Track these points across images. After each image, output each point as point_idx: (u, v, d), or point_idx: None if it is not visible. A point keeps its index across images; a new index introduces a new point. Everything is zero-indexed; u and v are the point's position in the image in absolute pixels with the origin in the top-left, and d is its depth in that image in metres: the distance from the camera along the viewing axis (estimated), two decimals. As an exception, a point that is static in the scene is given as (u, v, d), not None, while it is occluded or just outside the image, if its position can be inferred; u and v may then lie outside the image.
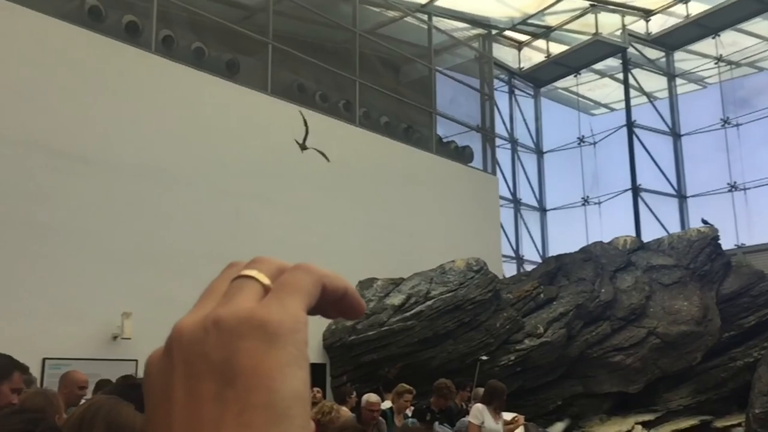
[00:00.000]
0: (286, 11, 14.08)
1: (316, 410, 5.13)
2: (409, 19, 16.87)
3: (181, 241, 10.32)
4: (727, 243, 15.06)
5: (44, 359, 8.49)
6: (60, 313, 8.93)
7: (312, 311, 0.47)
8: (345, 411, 6.25)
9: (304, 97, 13.48)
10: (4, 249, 8.62)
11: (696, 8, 18.63)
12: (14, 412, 2.23)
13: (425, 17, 17.13)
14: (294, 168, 12.40)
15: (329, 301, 0.48)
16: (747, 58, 19.08)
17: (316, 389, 9.48)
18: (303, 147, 10.73)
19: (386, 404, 7.38)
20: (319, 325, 11.90)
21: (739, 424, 11.38)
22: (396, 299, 11.93)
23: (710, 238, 13.83)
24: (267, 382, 0.41)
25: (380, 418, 6.59)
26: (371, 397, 6.54)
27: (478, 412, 6.76)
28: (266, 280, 0.46)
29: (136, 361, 9.06)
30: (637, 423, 11.84)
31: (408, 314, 11.58)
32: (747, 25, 18.65)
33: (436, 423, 7.23)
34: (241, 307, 0.44)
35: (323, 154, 10.94)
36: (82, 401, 4.60)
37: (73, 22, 10.16)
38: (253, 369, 0.41)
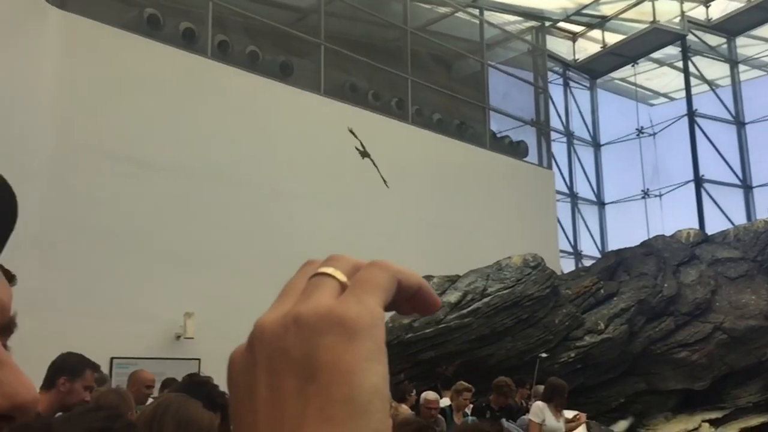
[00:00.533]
0: (337, 12, 14.20)
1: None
2: (460, 14, 16.77)
3: (240, 242, 10.53)
4: (797, 234, 14.43)
5: (112, 359, 8.80)
6: (126, 314, 9.24)
7: (387, 307, 0.48)
8: (405, 409, 6.28)
9: (356, 97, 13.57)
10: (74, 253, 8.97)
11: (759, -9, 17.95)
12: (91, 409, 2.32)
13: (476, 12, 17.01)
14: (347, 167, 12.50)
15: (404, 298, 0.48)
16: (815, 41, 18.29)
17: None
18: (365, 154, 10.85)
19: (445, 402, 7.38)
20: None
21: (813, 423, 10.94)
22: (452, 296, 11.88)
23: (779, 229, 13.33)
24: (347, 377, 0.42)
25: (439, 416, 6.60)
26: (429, 395, 6.56)
27: (539, 410, 6.70)
28: (343, 278, 0.47)
29: (199, 359, 9.31)
30: (704, 421, 11.50)
31: (465, 311, 11.53)
32: (815, 7, 17.87)
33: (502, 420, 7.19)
34: (319, 304, 0.45)
35: (383, 179, 11.06)
36: (149, 400, 4.77)
37: (132, 30, 10.48)
38: (334, 364, 0.42)
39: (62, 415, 2.63)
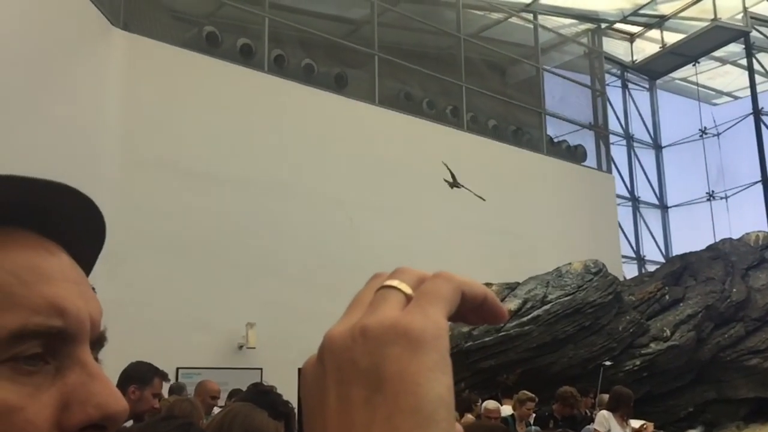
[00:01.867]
0: (390, 22, 14.31)
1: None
2: (513, 19, 16.66)
3: (299, 252, 10.69)
4: None
5: (177, 368, 9.03)
6: (191, 324, 9.48)
7: (454, 318, 0.49)
8: (471, 419, 6.25)
9: (411, 106, 13.62)
10: (141, 265, 9.27)
11: (828, -18, 17.25)
12: (165, 417, 2.41)
13: (530, 16, 16.86)
14: (405, 175, 12.55)
15: (470, 308, 0.49)
16: None
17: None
18: (454, 185, 10.90)
19: (507, 411, 7.30)
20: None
21: None
22: (512, 304, 11.76)
23: None
24: (413, 387, 0.43)
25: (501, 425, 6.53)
26: (490, 404, 6.51)
27: (604, 419, 6.56)
28: (408, 290, 0.48)
29: (261, 369, 9.47)
30: (779, 431, 11.05)
31: (525, 319, 11.39)
32: None
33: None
34: (385, 316, 0.45)
35: (479, 195, 11.12)
36: (214, 410, 4.88)
37: (192, 48, 10.80)
38: (400, 375, 0.43)
39: (137, 424, 2.73)
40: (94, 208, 0.61)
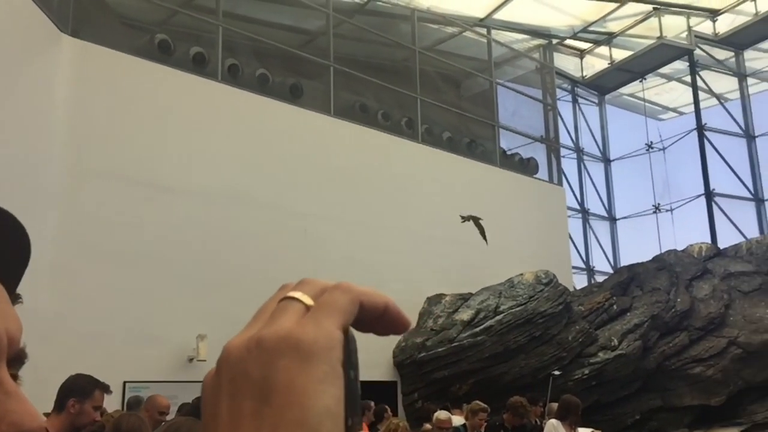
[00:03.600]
0: (346, 33, 14.35)
1: (384, 428, 5.19)
2: (468, 33, 16.89)
3: (253, 264, 10.59)
4: (811, 247, 14.33)
5: (125, 382, 8.83)
6: (139, 337, 9.29)
7: (362, 329, 0.50)
8: (428, 428, 6.27)
9: (366, 117, 13.67)
10: (87, 277, 9.05)
11: (765, 5, 17.96)
12: (111, 430, 2.36)
13: (484, 31, 17.12)
14: (360, 186, 12.58)
15: (371, 318, 0.50)
16: (824, 52, 18.26)
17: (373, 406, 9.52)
18: (467, 220, 11.12)
19: (458, 421, 7.35)
20: (389, 342, 11.95)
21: (833, 438, 10.79)
22: (465, 314, 11.88)
23: (792, 242, 13.25)
24: (300, 399, 0.43)
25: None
26: (441, 414, 6.55)
27: (553, 428, 6.66)
28: (309, 301, 0.48)
29: (213, 381, 9.31)
30: (721, 438, 11.38)
31: (478, 329, 11.51)
32: (822, 19, 17.86)
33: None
34: (281, 327, 0.46)
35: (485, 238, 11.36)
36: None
37: (144, 56, 10.65)
38: (288, 386, 0.43)
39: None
40: (16, 222, 0.60)
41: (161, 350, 9.49)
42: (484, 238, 11.57)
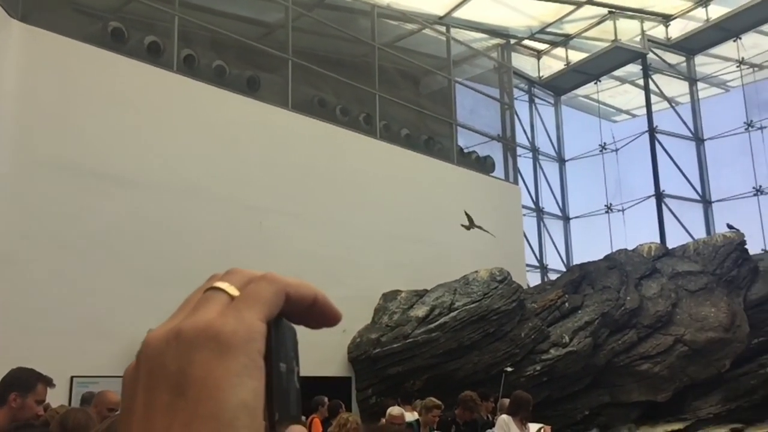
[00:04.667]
0: (305, 27, 14.25)
1: (335, 423, 5.19)
2: (427, 31, 16.95)
3: (206, 257, 10.44)
4: (753, 248, 14.82)
5: (72, 377, 8.63)
6: (87, 331, 9.08)
7: (294, 321, 0.49)
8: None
9: (324, 112, 13.60)
10: (35, 269, 8.80)
11: (716, 11, 18.49)
12: (57, 426, 2.30)
13: (443, 29, 17.20)
14: (316, 182, 12.51)
15: (299, 310, 0.49)
16: (770, 60, 18.87)
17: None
18: (470, 227, 11.34)
19: (411, 417, 7.39)
20: (344, 338, 11.94)
21: (771, 432, 11.18)
22: (420, 311, 11.93)
23: (736, 243, 13.65)
24: (215, 392, 0.42)
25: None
26: (394, 410, 6.57)
27: (504, 423, 6.74)
28: (234, 292, 0.47)
29: (164, 376, 9.16)
30: (666, 432, 11.69)
31: (432, 326, 11.58)
32: (768, 27, 18.46)
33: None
34: (201, 319, 0.45)
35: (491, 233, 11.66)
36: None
37: (97, 44, 10.38)
38: (203, 379, 0.42)
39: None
40: None
41: (111, 344, 9.28)
42: (472, 226, 11.80)
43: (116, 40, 10.79)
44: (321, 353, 11.42)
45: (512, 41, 19.25)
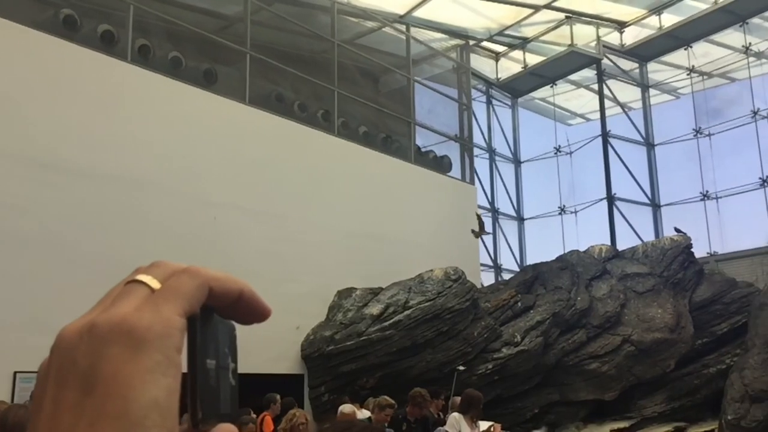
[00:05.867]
0: (264, 21, 14.11)
1: (284, 419, 5.18)
2: (387, 29, 16.96)
3: (157, 251, 10.22)
4: (699, 251, 15.30)
5: (15, 372, 8.39)
6: (31, 326, 8.81)
7: (225, 316, 0.47)
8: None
9: (282, 107, 13.49)
10: (-24, 260, 8.52)
11: (669, 20, 18.97)
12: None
13: (403, 28, 17.24)
14: (273, 178, 12.41)
15: (225, 305, 0.47)
16: (718, 69, 19.44)
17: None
18: (480, 233, 11.57)
19: (364, 414, 7.38)
20: (297, 335, 11.88)
21: (712, 431, 11.54)
22: (374, 309, 11.94)
23: (683, 246, 14.05)
24: (124, 390, 0.40)
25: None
26: (346, 408, 6.57)
27: (455, 421, 6.80)
28: (156, 285, 0.46)
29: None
30: (612, 430, 11.96)
31: (386, 324, 11.60)
32: (718, 37, 19.02)
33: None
34: (116, 313, 0.43)
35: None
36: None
37: (47, 31, 10.09)
38: (113, 376, 0.40)
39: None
40: None
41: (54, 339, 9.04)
42: (482, 232, 12.02)
43: (68, 28, 10.51)
44: (274, 350, 11.35)
45: (471, 42, 19.42)
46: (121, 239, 9.97)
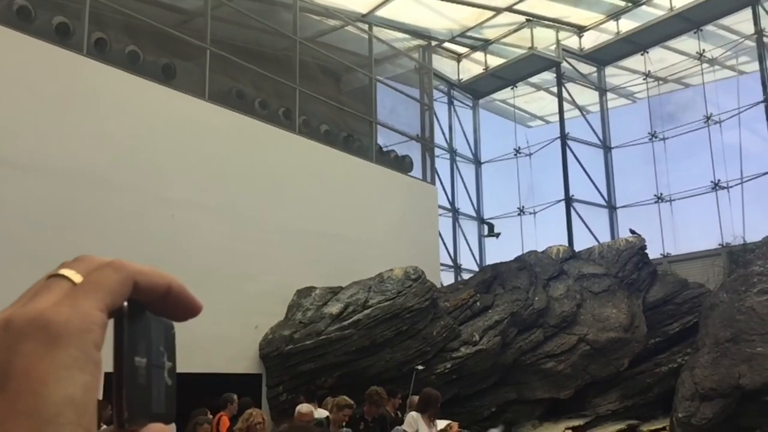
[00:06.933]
0: (225, 17, 13.95)
1: (241, 419, 5.14)
2: (349, 28, 16.94)
3: (113, 248, 10.04)
4: (653, 252, 15.66)
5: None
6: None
7: (154, 313, 0.46)
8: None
9: (243, 104, 13.36)
10: None
11: (626, 25, 19.34)
12: None
13: (366, 27, 17.24)
14: (232, 175, 12.28)
15: (152, 300, 0.46)
16: (673, 74, 19.90)
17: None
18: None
19: (321, 414, 7.36)
20: (256, 334, 11.78)
21: (663, 428, 11.80)
22: (334, 308, 11.91)
23: (638, 247, 14.34)
24: (37, 386, 0.39)
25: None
26: (303, 407, 6.54)
27: (413, 420, 6.82)
28: (78, 279, 0.45)
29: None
30: (567, 428, 12.14)
31: (346, 323, 11.58)
32: (674, 43, 19.46)
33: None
34: (34, 308, 0.42)
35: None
36: None
37: (0, 22, 9.81)
38: (26, 373, 0.39)
39: None
40: None
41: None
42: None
43: (22, 19, 10.24)
44: (231, 350, 11.24)
45: (433, 43, 19.51)
46: (76, 236, 9.75)
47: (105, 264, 0.46)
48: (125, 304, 0.47)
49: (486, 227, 13.52)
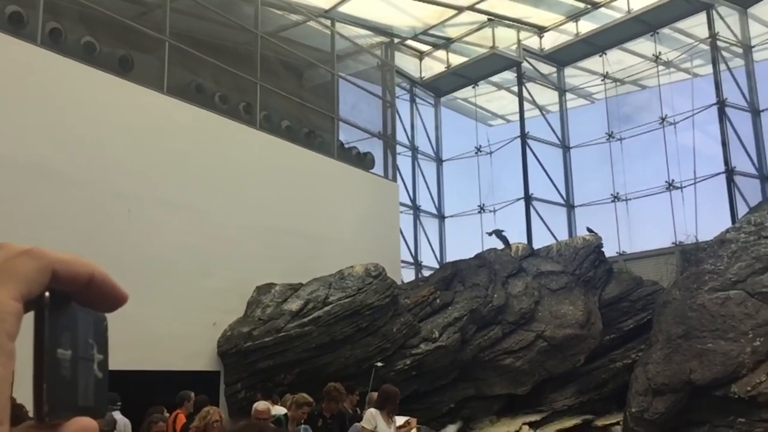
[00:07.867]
0: (184, 9, 13.72)
1: (197, 417, 5.08)
2: (312, 23, 16.83)
3: (66, 244, 9.82)
4: (609, 250, 15.96)
5: None
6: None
7: (79, 302, 0.45)
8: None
9: (202, 98, 13.17)
10: None
11: (585, 27, 19.64)
12: None
13: (328, 22, 17.16)
14: (191, 170, 12.10)
15: (74, 290, 0.45)
16: (630, 76, 20.28)
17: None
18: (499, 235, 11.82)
19: (278, 411, 7.32)
20: (214, 331, 11.64)
21: (617, 423, 12.05)
22: (294, 305, 11.85)
23: (594, 245, 14.60)
24: None
25: (271, 425, 6.53)
26: (259, 405, 6.49)
27: (372, 416, 6.81)
28: None
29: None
30: (524, 423, 12.31)
31: (306, 320, 11.53)
32: (631, 45, 19.83)
33: None
34: None
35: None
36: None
37: (-52, 8, 9.50)
38: None
39: None
40: None
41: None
42: (508, 246, 12.67)
43: (-29, 6, 9.91)
44: (189, 347, 11.09)
45: (396, 40, 19.52)
46: (29, 230, 9.49)
47: (22, 252, 0.44)
48: (47, 294, 0.45)
49: (494, 233, 14.14)
